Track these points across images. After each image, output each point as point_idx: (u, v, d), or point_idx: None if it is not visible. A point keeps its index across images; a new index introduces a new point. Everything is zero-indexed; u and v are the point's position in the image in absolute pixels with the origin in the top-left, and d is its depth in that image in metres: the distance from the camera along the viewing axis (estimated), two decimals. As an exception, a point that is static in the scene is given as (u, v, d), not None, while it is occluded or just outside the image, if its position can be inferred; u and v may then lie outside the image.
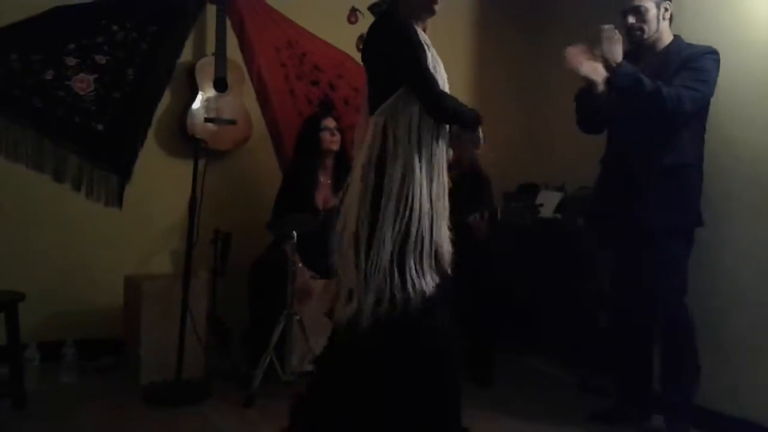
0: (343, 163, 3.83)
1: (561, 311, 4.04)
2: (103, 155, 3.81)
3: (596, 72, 2.76)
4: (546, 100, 4.83)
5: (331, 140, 3.77)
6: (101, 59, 3.78)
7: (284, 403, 2.52)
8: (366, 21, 4.55)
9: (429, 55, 2.25)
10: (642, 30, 2.83)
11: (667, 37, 2.87)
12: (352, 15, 4.55)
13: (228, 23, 4.00)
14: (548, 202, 4.11)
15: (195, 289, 3.35)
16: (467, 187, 3.91)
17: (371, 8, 4.60)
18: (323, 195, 3.80)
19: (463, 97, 4.77)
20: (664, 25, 2.85)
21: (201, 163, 3.34)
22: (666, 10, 2.83)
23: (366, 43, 2.41)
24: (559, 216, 4.08)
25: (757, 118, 2.94)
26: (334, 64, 4.46)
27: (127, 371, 3.51)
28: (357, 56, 4.53)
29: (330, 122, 3.81)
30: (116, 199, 3.85)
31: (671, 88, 2.67)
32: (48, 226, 3.68)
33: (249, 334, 3.58)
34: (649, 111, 2.73)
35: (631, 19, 2.84)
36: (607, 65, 2.77)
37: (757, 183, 2.94)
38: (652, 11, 2.81)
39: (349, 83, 4.51)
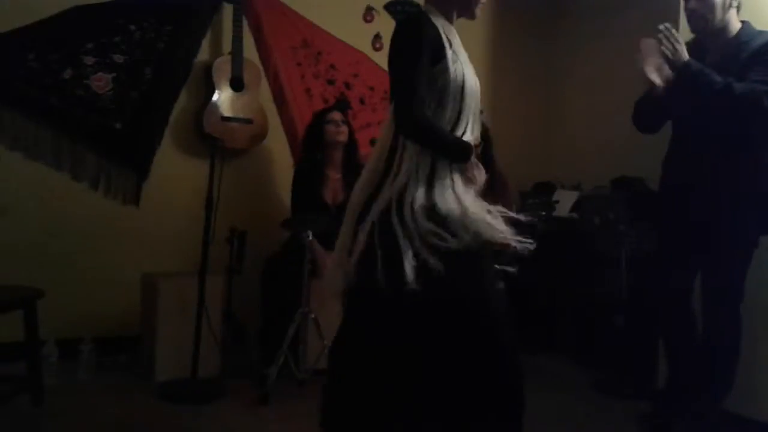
0: (353, 157, 3.84)
1: (577, 311, 4.03)
2: (121, 154, 3.84)
3: (661, 73, 2.61)
4: (561, 99, 4.82)
5: (337, 131, 3.77)
6: (119, 58, 3.81)
7: (299, 402, 2.52)
8: (382, 20, 4.57)
9: (448, 53, 2.10)
10: (705, 19, 2.64)
11: (735, 25, 2.66)
12: (368, 14, 4.55)
13: (245, 22, 4.02)
14: (564, 201, 4.10)
15: (211, 287, 3.36)
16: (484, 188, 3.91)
17: (387, 7, 4.61)
18: (333, 190, 3.80)
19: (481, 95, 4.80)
20: (732, 12, 2.65)
21: (217, 161, 3.36)
22: None
23: None
24: (575, 215, 4.06)
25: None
26: (349, 63, 4.47)
27: (143, 369, 3.53)
28: (373, 55, 4.54)
29: (335, 115, 3.81)
30: (133, 197, 3.88)
31: (745, 84, 2.48)
32: (66, 224, 3.71)
33: (264, 332, 3.59)
34: (723, 110, 2.55)
35: (694, 4, 2.66)
36: (672, 64, 2.61)
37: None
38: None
39: (364, 82, 4.52)
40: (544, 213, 3.48)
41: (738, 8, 2.68)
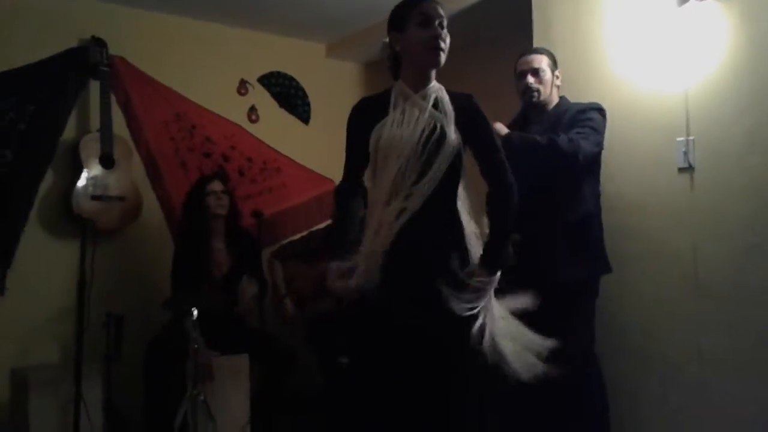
0: (236, 226, 3.79)
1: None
2: (-19, 242, 3.59)
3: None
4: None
5: (217, 204, 3.71)
6: (-23, 143, 3.60)
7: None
8: (256, 92, 4.60)
9: (390, 117, 2.21)
10: (539, 91, 2.96)
11: (555, 100, 3.02)
12: (242, 87, 4.57)
13: (113, 98, 3.92)
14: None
15: (88, 377, 3.16)
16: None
17: (261, 79, 4.65)
18: (218, 261, 3.73)
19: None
20: (555, 89, 3.01)
21: (89, 243, 3.20)
22: (557, 77, 3.01)
23: None
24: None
25: (623, 171, 3.12)
26: (226, 136, 4.45)
27: (14, 473, 3.24)
28: (249, 127, 4.55)
29: (215, 185, 3.75)
30: (-3, 286, 3.62)
31: (563, 136, 2.77)
32: None
33: (149, 421, 3.39)
34: (547, 163, 2.79)
35: (531, 79, 2.96)
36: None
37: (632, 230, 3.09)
38: (548, 74, 2.98)
39: (242, 154, 4.50)
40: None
41: (558, 87, 3.05)
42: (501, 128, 2.84)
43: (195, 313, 3.14)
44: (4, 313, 3.61)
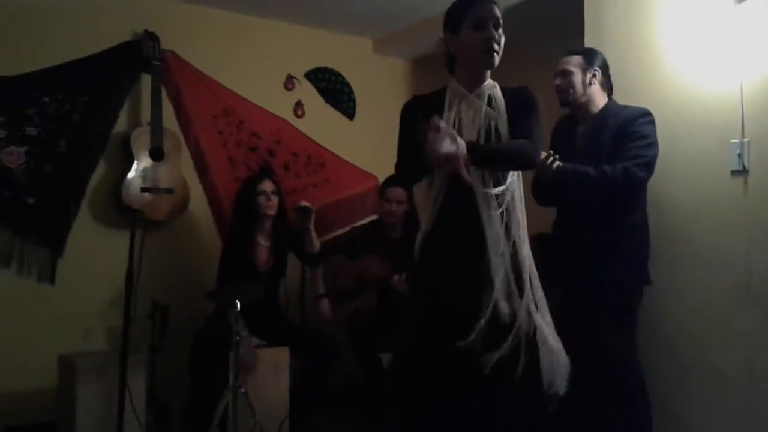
0: (282, 224, 3.81)
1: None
2: (35, 229, 3.68)
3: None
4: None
5: (267, 205, 3.73)
6: (32, 131, 3.69)
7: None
8: (302, 87, 4.62)
9: (445, 117, 2.21)
10: (568, 93, 2.96)
11: (600, 101, 2.96)
12: (289, 82, 4.60)
13: (164, 92, 3.99)
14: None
15: (133, 365, 3.21)
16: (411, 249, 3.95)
17: (307, 75, 4.67)
18: (262, 256, 3.75)
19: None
20: (594, 89, 2.95)
21: (138, 234, 3.26)
22: (594, 75, 2.94)
23: None
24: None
25: (674, 174, 3.05)
26: (272, 131, 4.48)
27: (61, 457, 3.31)
28: (295, 122, 4.57)
29: (266, 185, 3.76)
30: (48, 274, 3.71)
31: (615, 166, 2.74)
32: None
33: (191, 411, 3.45)
34: (603, 195, 2.80)
35: (557, 81, 2.99)
36: (546, 172, 2.80)
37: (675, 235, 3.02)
38: (578, 76, 2.95)
39: (287, 149, 4.53)
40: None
41: (609, 88, 2.99)
42: (557, 165, 2.80)
43: (238, 305, 3.18)
44: (54, 300, 3.70)
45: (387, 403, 4.04)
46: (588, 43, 3.32)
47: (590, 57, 2.99)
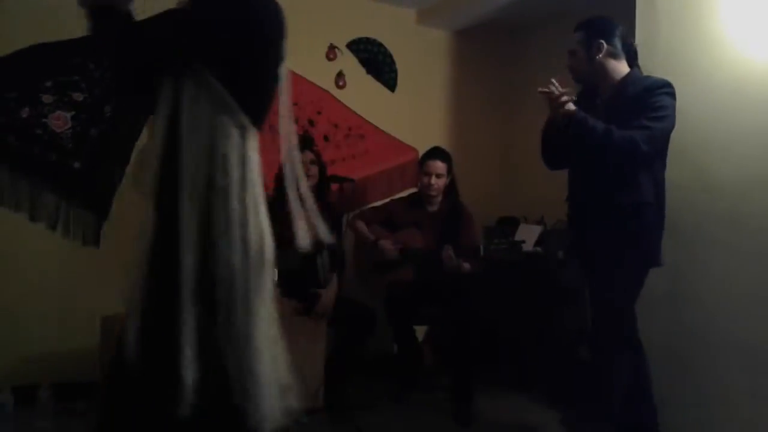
0: (323, 195, 3.83)
1: (542, 346, 4.04)
2: (80, 193, 3.76)
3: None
4: (522, 134, 4.89)
5: (307, 174, 3.73)
6: (78, 96, 3.75)
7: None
8: (344, 58, 4.60)
9: None
10: (579, 70, 2.96)
11: (614, 70, 2.88)
12: (331, 52, 4.58)
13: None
14: (528, 236, 4.13)
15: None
16: (449, 222, 3.94)
17: (349, 45, 4.65)
18: None
19: (441, 131, 4.86)
20: (602, 59, 2.87)
21: (180, 200, 3.29)
22: (598, 48, 2.86)
23: None
24: (539, 249, 4.10)
25: (726, 151, 2.96)
26: (312, 101, 4.49)
27: (103, 414, 3.41)
28: (336, 92, 4.56)
29: (306, 155, 3.77)
30: (93, 237, 3.79)
31: (624, 132, 2.67)
32: (23, 266, 3.60)
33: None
34: (605, 154, 2.75)
35: (569, 60, 2.99)
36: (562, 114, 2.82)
37: (731, 218, 2.94)
38: (581, 52, 2.91)
39: (328, 119, 4.53)
40: (511, 257, 3.55)
41: (614, 55, 2.88)
42: (570, 107, 2.79)
43: (275, 273, 3.22)
44: (99, 262, 3.79)
45: (421, 374, 4.08)
46: (639, 19, 3.22)
47: (592, 28, 2.91)
